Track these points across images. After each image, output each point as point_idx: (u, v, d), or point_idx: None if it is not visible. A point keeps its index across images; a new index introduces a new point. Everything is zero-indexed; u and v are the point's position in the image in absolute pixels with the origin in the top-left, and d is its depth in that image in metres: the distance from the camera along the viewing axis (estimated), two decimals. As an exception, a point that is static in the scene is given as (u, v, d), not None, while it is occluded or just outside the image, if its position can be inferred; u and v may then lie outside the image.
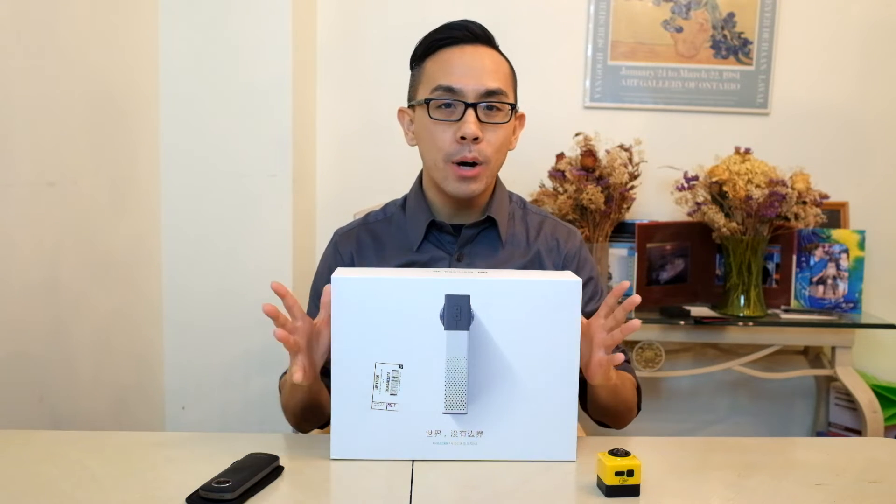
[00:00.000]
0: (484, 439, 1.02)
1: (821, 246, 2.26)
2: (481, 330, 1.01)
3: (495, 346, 1.01)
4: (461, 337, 1.00)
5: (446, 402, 1.01)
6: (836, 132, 2.37)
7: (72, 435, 1.21)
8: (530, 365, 1.02)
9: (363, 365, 1.01)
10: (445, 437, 1.02)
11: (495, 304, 1.00)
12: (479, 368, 1.01)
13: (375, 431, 1.02)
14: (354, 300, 1.01)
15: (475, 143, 1.18)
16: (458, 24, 1.22)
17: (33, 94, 1.47)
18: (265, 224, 2.04)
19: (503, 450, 1.03)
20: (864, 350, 2.38)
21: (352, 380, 1.02)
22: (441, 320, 1.00)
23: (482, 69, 1.20)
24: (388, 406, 1.02)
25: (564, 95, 2.36)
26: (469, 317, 1.00)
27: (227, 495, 0.88)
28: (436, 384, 1.01)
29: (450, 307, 1.00)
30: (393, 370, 1.01)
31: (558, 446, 1.03)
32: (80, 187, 1.63)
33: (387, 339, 1.01)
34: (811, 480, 0.99)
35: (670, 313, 2.13)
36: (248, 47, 1.99)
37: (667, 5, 2.32)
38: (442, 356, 1.01)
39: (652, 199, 2.34)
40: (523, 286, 1.01)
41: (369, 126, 2.34)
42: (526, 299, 1.01)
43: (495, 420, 1.02)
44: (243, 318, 2.05)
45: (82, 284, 1.65)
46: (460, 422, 1.02)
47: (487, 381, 1.02)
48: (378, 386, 1.02)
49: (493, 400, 1.02)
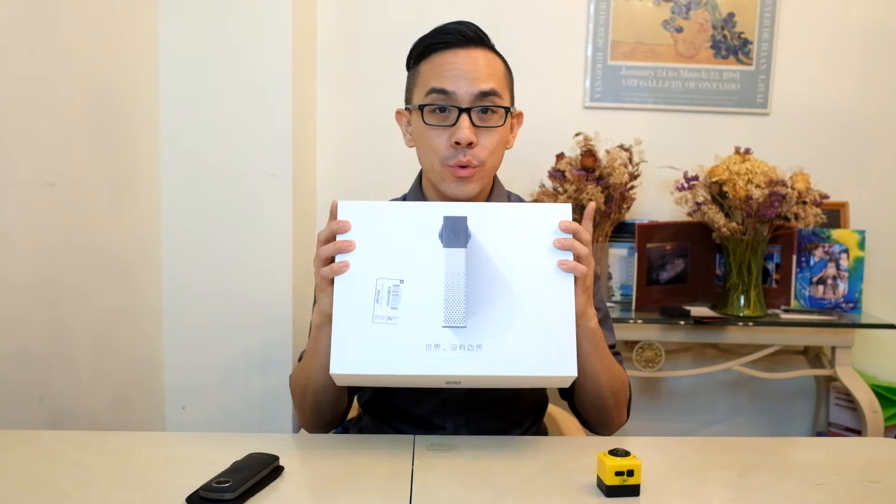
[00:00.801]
0: (483, 353, 1.02)
1: (821, 246, 2.26)
2: (478, 249, 1.05)
3: (492, 264, 1.05)
4: (459, 253, 1.04)
5: (446, 315, 1.02)
6: (836, 132, 2.37)
7: (72, 435, 1.21)
8: (526, 283, 1.04)
9: (365, 280, 1.04)
10: (445, 351, 1.02)
11: (491, 226, 1.06)
12: (478, 286, 1.04)
13: (375, 345, 1.02)
14: (358, 222, 1.05)
15: (470, 148, 1.18)
16: (452, 28, 1.22)
17: (33, 94, 1.47)
18: (265, 224, 2.04)
19: (503, 364, 1.02)
20: (864, 350, 2.38)
21: (353, 294, 1.03)
22: (440, 239, 1.05)
23: (476, 71, 1.20)
24: (389, 319, 1.02)
25: (564, 95, 2.36)
26: (466, 235, 1.05)
27: (227, 495, 0.88)
28: (436, 299, 1.03)
29: (448, 226, 1.05)
30: (394, 285, 1.03)
31: (557, 361, 1.02)
32: (80, 187, 1.63)
33: (388, 256, 1.04)
34: (811, 480, 0.99)
35: (670, 313, 2.13)
36: (248, 47, 1.99)
37: (667, 5, 2.32)
38: (441, 273, 1.03)
39: (652, 199, 2.34)
40: (516, 209, 1.08)
41: (369, 126, 2.34)
42: (519, 221, 1.06)
43: (494, 334, 1.03)
44: (243, 318, 2.05)
45: (82, 284, 1.65)
46: (459, 335, 1.02)
47: (485, 298, 1.04)
48: (379, 300, 1.03)
49: (492, 315, 1.03)
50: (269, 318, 2.05)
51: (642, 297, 2.17)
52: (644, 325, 2.11)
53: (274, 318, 2.05)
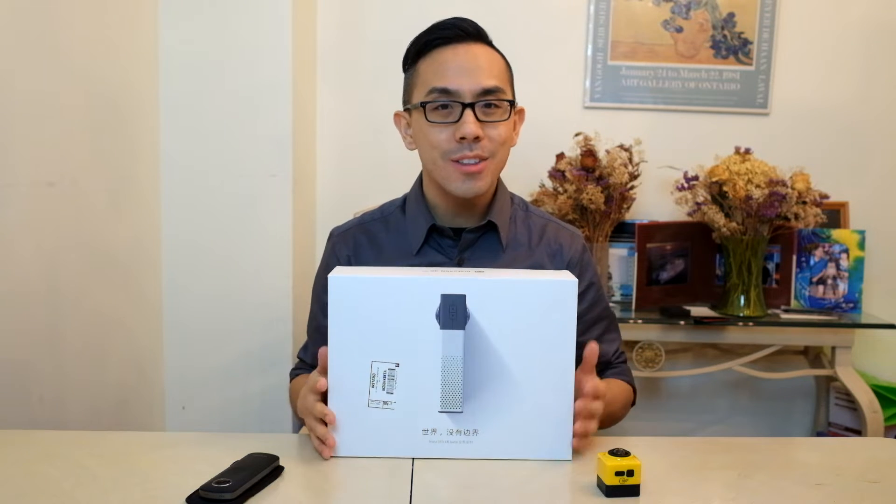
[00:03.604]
0: (480, 438, 1.03)
1: (821, 246, 2.26)
2: (477, 329, 1.01)
3: (491, 345, 1.01)
4: (457, 336, 1.01)
5: (442, 400, 1.02)
6: (836, 132, 2.37)
7: (72, 435, 1.21)
8: (526, 364, 1.02)
9: (359, 363, 1.02)
10: (441, 436, 1.02)
11: (491, 303, 1.01)
12: (475, 367, 1.02)
13: (371, 430, 1.02)
14: (351, 299, 1.01)
15: (476, 143, 1.16)
16: (449, 23, 1.19)
17: (33, 95, 1.47)
18: (265, 224, 2.03)
19: (499, 449, 1.03)
20: (864, 350, 2.38)
21: (348, 378, 1.02)
22: (437, 319, 1.01)
23: (477, 68, 1.17)
24: (385, 404, 1.02)
25: (564, 95, 2.35)
26: (465, 316, 1.01)
27: (227, 495, 0.88)
28: (432, 383, 1.02)
29: (445, 306, 1.00)
30: (389, 368, 1.02)
31: (554, 446, 1.03)
32: (79, 188, 1.63)
33: (383, 337, 1.01)
34: (811, 480, 0.99)
35: (670, 313, 2.13)
36: (248, 47, 1.98)
37: (667, 5, 2.32)
38: (438, 355, 1.01)
39: (652, 199, 2.34)
40: (519, 285, 1.02)
41: (369, 126, 2.33)
42: (521, 299, 1.01)
43: (491, 419, 1.02)
44: (243, 318, 2.05)
45: (82, 284, 1.65)
46: (456, 420, 1.02)
47: (483, 381, 1.02)
48: (374, 384, 1.02)
49: (489, 399, 1.02)
50: (269, 318, 2.05)
51: (642, 297, 2.17)
52: (644, 325, 2.11)
53: (274, 319, 2.05)
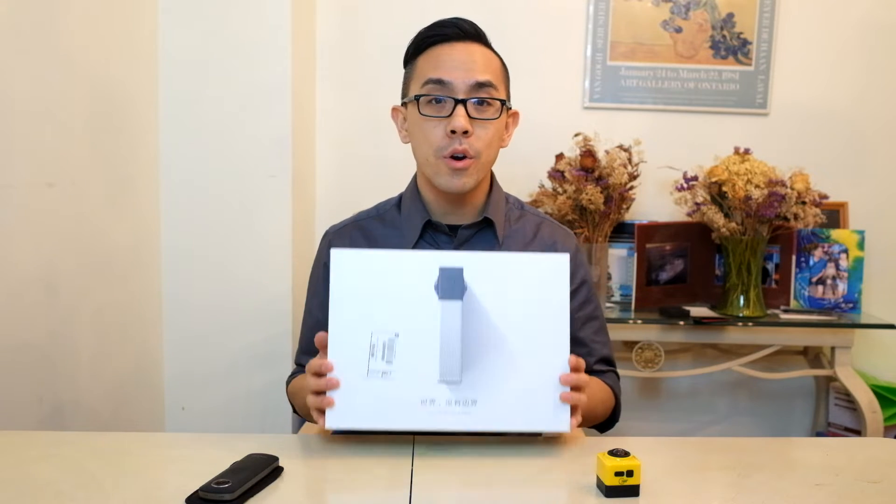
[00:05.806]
0: (478, 409, 1.03)
1: (820, 246, 2.26)
2: (474, 301, 1.04)
3: (488, 317, 1.04)
4: (455, 307, 1.03)
5: (441, 370, 1.03)
6: (835, 132, 2.37)
7: (72, 435, 1.21)
8: (522, 336, 1.04)
9: (360, 334, 1.03)
10: (440, 406, 1.03)
11: (487, 276, 1.05)
12: (473, 339, 1.03)
13: (371, 400, 1.02)
14: (352, 272, 1.04)
15: (465, 137, 1.19)
16: (449, 22, 1.23)
17: (33, 95, 1.47)
18: (265, 224, 2.04)
19: (497, 420, 1.04)
20: (863, 350, 2.38)
21: (348, 348, 1.03)
22: (435, 291, 1.03)
23: (472, 63, 1.20)
24: (384, 374, 1.03)
25: (564, 96, 2.36)
26: (462, 287, 1.04)
27: (227, 496, 0.88)
28: (431, 354, 1.03)
29: (444, 278, 1.03)
30: (389, 339, 1.03)
31: (552, 417, 1.04)
32: (79, 188, 1.63)
33: (383, 309, 1.03)
34: (811, 480, 0.99)
35: (670, 313, 2.13)
36: (248, 47, 1.99)
37: (666, 5, 2.32)
38: (436, 326, 1.03)
39: (651, 200, 2.34)
40: (513, 258, 1.07)
41: (369, 126, 2.33)
42: (516, 272, 1.05)
43: (489, 390, 1.03)
44: (243, 318, 2.05)
45: (82, 284, 1.65)
46: (455, 391, 1.03)
47: (481, 352, 1.03)
48: (374, 354, 1.03)
49: (487, 370, 1.03)
50: (269, 318, 2.05)
51: (642, 297, 2.17)
52: (644, 326, 2.11)
53: (273, 319, 2.05)
